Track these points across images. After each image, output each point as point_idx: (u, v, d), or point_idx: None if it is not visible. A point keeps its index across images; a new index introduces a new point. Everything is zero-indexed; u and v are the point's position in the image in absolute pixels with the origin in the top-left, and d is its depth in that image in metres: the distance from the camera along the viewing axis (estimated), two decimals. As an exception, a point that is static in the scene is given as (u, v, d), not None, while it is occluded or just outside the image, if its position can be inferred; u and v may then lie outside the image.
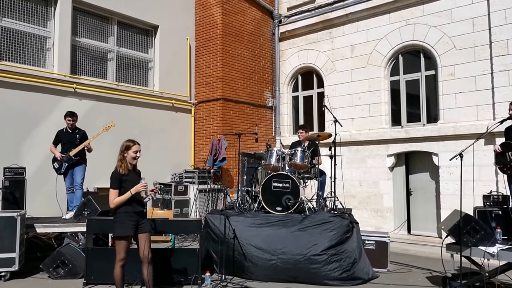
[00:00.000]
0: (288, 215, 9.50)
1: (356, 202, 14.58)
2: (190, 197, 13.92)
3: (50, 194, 10.64)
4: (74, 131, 10.62)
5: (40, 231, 9.61)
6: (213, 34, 15.91)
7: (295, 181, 9.76)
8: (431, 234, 13.28)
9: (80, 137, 10.58)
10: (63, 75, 12.76)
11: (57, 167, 10.44)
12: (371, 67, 14.85)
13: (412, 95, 14.21)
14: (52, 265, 8.90)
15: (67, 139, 10.56)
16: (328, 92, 15.89)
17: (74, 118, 10.61)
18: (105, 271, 8.21)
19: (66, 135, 10.60)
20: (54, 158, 10.48)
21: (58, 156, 10.38)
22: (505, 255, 7.53)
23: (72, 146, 10.44)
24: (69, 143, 10.51)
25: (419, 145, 13.59)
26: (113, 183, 6.74)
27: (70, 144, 10.49)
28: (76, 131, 10.65)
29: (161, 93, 15.25)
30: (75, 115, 10.68)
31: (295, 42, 17.37)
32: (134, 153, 7.03)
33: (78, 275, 8.75)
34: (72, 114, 10.60)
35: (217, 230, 9.28)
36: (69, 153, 10.33)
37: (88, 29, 13.81)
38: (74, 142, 10.48)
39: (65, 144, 10.55)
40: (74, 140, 10.50)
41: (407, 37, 14.09)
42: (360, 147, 14.86)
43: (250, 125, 16.09)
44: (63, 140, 10.59)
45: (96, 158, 11.27)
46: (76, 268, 8.84)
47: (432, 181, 13.55)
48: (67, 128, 10.60)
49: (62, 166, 10.39)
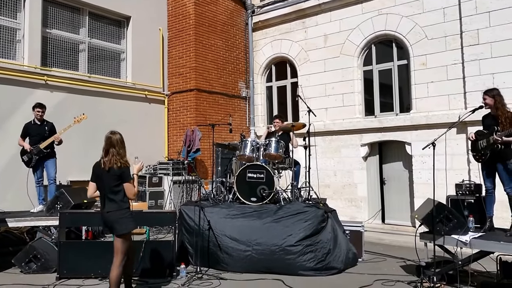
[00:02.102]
0: (263, 205, 9.50)
1: (330, 192, 14.61)
2: (164, 188, 13.85)
3: (21, 188, 10.47)
4: (42, 123, 10.40)
5: (12, 225, 9.42)
6: (186, 25, 15.81)
7: (270, 172, 9.75)
8: (405, 223, 13.35)
9: (49, 129, 10.37)
10: (34, 67, 12.58)
11: (27, 160, 10.18)
12: (344, 57, 14.86)
13: (385, 84, 14.28)
14: (24, 260, 8.78)
15: (36, 131, 10.32)
16: (302, 82, 15.89)
17: (43, 109, 10.38)
18: (78, 265, 8.14)
19: (35, 128, 10.36)
20: (23, 151, 10.24)
21: (28, 148, 10.14)
22: (477, 243, 7.60)
23: (41, 138, 10.22)
24: (38, 136, 10.27)
25: (392, 135, 13.65)
26: (130, 176, 6.64)
27: (39, 136, 10.26)
28: (44, 123, 10.43)
29: (134, 85, 15.11)
30: (44, 106, 10.45)
31: (268, 32, 17.33)
32: None
33: (51, 269, 8.65)
34: (41, 106, 10.38)
35: (192, 222, 9.25)
36: (39, 146, 10.13)
37: (59, 20, 13.61)
38: (43, 134, 10.26)
39: (34, 137, 10.30)
40: (43, 133, 10.28)
41: (379, 27, 14.12)
42: (334, 137, 14.88)
43: (224, 116, 16.04)
44: (32, 132, 10.34)
45: (68, 151, 11.15)
46: (48, 262, 8.74)
47: (406, 170, 13.63)
48: (35, 120, 10.37)
49: (32, 159, 10.15)
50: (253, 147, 10.41)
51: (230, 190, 10.47)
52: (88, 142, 12.55)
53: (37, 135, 10.30)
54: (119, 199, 6.54)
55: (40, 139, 10.24)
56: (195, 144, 14.54)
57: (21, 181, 10.39)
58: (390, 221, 13.89)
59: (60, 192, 9.65)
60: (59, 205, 9.39)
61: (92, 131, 12.21)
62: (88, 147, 12.31)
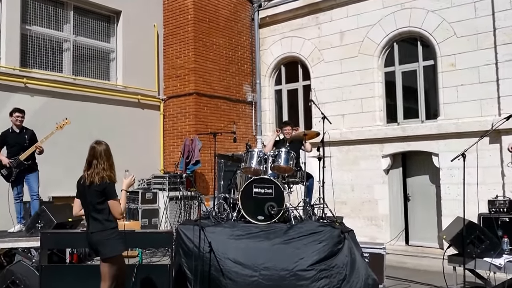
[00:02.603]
0: (271, 225, 9.47)
1: (347, 209, 14.57)
2: (159, 206, 13.85)
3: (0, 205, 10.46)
4: (22, 131, 10.32)
5: (-13, 247, 9.50)
6: (184, 20, 15.87)
7: (279, 186, 9.73)
8: (432, 245, 13.36)
9: (29, 137, 10.29)
10: (12, 68, 12.64)
11: (6, 174, 10.08)
12: (363, 57, 14.91)
13: (409, 88, 14.31)
14: (1, 286, 8.79)
15: (15, 140, 10.22)
16: (315, 85, 15.92)
17: (22, 114, 10.29)
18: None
19: (13, 136, 10.26)
20: (0, 165, 10.15)
21: (6, 162, 10.03)
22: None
23: (20, 148, 10.14)
24: (17, 145, 10.18)
25: (417, 145, 13.66)
26: (115, 193, 6.51)
27: (18, 146, 10.17)
28: (24, 130, 10.36)
29: (125, 88, 15.18)
30: (23, 111, 10.35)
31: (277, 29, 17.39)
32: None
33: (32, 296, 8.67)
34: (20, 110, 10.27)
35: (191, 243, 9.23)
36: (18, 157, 10.04)
37: (40, 15, 13.67)
38: (22, 144, 10.17)
39: (13, 147, 10.21)
40: (23, 142, 10.19)
41: (402, 23, 14.15)
42: (351, 147, 14.90)
43: (227, 123, 16.07)
44: (10, 142, 10.24)
45: (50, 163, 11.14)
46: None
47: (432, 185, 13.64)
48: (13, 127, 10.28)
49: (12, 173, 10.08)
50: (260, 159, 10.40)
51: (234, 207, 10.46)
52: (73, 153, 12.39)
53: (16, 145, 10.21)
54: (103, 218, 6.44)
55: (20, 149, 10.15)
56: (195, 155, 14.57)
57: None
58: (415, 242, 13.88)
59: (41, 210, 9.63)
60: (40, 224, 9.40)
61: (77, 140, 12.19)
62: (73, 158, 12.04)
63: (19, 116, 10.23)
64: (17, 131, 10.31)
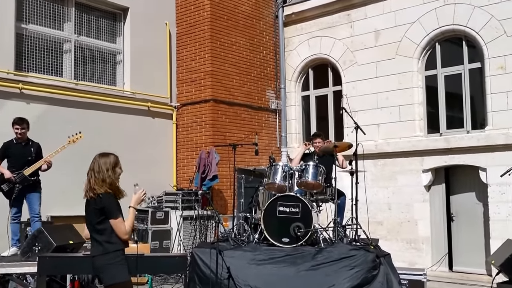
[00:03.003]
0: (298, 248, 9.46)
1: (384, 231, 14.53)
2: (171, 226, 13.82)
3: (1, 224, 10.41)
4: (28, 144, 10.39)
5: (-23, 273, 9.49)
6: (200, 18, 15.88)
7: (306, 205, 9.72)
8: (478, 271, 13.28)
9: (35, 150, 10.36)
10: (6, 72, 12.60)
11: (7, 189, 10.11)
12: (401, 59, 14.85)
13: (453, 94, 14.23)
14: (-6, 316, 8.81)
15: (19, 153, 10.28)
16: (347, 90, 15.90)
17: (24, 125, 10.28)
18: (62, 323, 8.13)
19: (18, 149, 10.31)
20: (1, 178, 10.16)
21: (10, 176, 10.05)
22: None
23: (25, 162, 10.20)
24: (21, 159, 10.24)
25: (462, 158, 13.56)
26: (118, 211, 6.31)
27: (22, 159, 10.23)
28: (30, 143, 10.42)
29: (133, 94, 15.22)
30: (26, 121, 10.37)
31: (304, 27, 17.38)
32: (120, 170, 6.58)
33: (28, 328, 8.66)
34: (22, 121, 10.27)
35: (207, 269, 9.23)
36: (23, 172, 10.10)
37: (38, 13, 13.66)
38: (27, 157, 10.25)
39: (16, 160, 10.27)
40: (28, 155, 10.26)
41: (445, 21, 14.08)
42: (388, 160, 14.83)
43: (248, 134, 16.01)
44: (14, 154, 10.30)
45: (48, 180, 11.12)
46: (25, 319, 8.75)
47: (479, 203, 13.54)
48: (16, 138, 10.37)
49: (14, 189, 10.10)
50: (285, 174, 10.39)
51: (256, 228, 10.46)
52: (74, 168, 12.22)
53: (20, 158, 10.27)
54: (104, 240, 6.30)
55: (24, 163, 10.21)
56: (211, 169, 14.54)
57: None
58: (460, 268, 13.78)
59: (38, 231, 9.60)
60: (38, 247, 9.39)
61: (80, 153, 11.97)
62: (74, 174, 12.00)
63: (19, 129, 10.20)
64: (22, 143, 10.36)
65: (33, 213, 10.27)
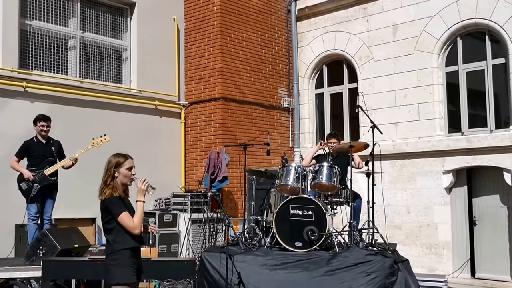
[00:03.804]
0: (311, 253, 9.47)
1: (402, 235, 14.54)
2: (180, 229, 13.87)
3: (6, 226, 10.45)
4: (48, 142, 10.50)
5: (-20, 278, 9.57)
6: (209, 12, 15.91)
7: (320, 207, 9.74)
8: (502, 278, 13.23)
9: (57, 149, 10.46)
10: (10, 70, 12.72)
11: (26, 188, 10.23)
12: (420, 54, 14.84)
13: (476, 91, 14.21)
14: (-3, 322, 8.88)
15: (41, 152, 10.41)
16: (364, 88, 15.89)
17: (49, 122, 10.45)
18: (67, 329, 8.21)
19: (39, 147, 10.43)
20: (21, 177, 10.28)
21: (29, 175, 10.17)
22: None
23: (46, 162, 10.32)
24: (42, 158, 10.37)
25: (485, 158, 13.54)
26: (119, 207, 6.29)
27: (42, 158, 10.36)
28: (50, 141, 10.53)
29: (140, 92, 15.28)
30: (49, 119, 10.51)
31: (318, 22, 17.39)
32: (128, 170, 6.50)
33: (32, 335, 8.73)
34: (46, 118, 10.44)
35: (217, 274, 9.26)
36: (43, 171, 10.19)
37: (42, 9, 13.73)
38: (49, 157, 10.36)
39: (37, 159, 10.39)
40: (50, 154, 10.38)
41: (467, 14, 14.04)
42: (406, 161, 14.83)
43: (260, 133, 16.02)
44: (34, 153, 10.41)
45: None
46: (28, 326, 8.82)
47: (503, 207, 13.51)
48: (37, 137, 10.45)
49: (33, 188, 10.20)
50: (298, 175, 10.41)
51: (268, 232, 10.49)
52: (80, 168, 12.41)
53: (41, 157, 10.40)
54: (111, 239, 6.34)
55: (44, 162, 10.33)
56: (221, 170, 14.57)
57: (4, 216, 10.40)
58: (482, 274, 13.72)
59: (42, 234, 9.64)
60: (42, 250, 9.44)
61: (84, 154, 12.19)
62: (80, 174, 12.17)
63: (44, 126, 10.37)
64: (43, 141, 10.48)
65: (46, 216, 10.42)
